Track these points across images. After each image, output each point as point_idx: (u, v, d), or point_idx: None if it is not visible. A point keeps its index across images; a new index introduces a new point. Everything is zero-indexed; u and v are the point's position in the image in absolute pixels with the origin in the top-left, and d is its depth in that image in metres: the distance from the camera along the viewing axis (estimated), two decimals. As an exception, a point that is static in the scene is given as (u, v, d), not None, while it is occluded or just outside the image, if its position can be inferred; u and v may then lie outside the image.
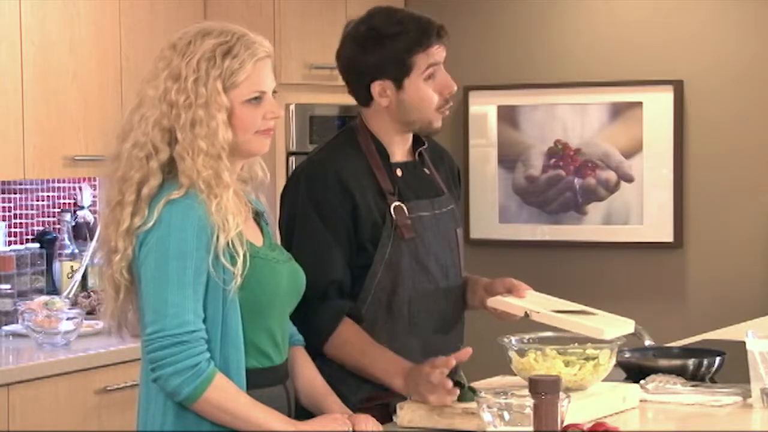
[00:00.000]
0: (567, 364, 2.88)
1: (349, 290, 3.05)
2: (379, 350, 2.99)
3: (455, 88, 3.12)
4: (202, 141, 2.61)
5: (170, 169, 2.64)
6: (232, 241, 2.61)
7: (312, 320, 2.98)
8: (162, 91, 2.64)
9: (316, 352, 2.98)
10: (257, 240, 2.74)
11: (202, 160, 2.61)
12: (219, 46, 2.65)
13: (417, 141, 3.21)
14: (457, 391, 2.79)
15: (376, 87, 3.09)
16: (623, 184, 5.64)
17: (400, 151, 3.17)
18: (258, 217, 2.81)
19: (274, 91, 2.73)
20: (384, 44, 3.06)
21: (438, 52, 3.09)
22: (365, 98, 3.12)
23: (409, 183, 3.14)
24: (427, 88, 3.08)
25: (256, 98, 2.68)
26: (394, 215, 3.07)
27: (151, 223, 2.59)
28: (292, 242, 3.03)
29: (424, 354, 3.07)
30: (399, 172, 3.14)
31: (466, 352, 2.85)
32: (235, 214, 2.63)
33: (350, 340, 3.00)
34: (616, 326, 2.96)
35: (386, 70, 3.07)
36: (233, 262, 2.60)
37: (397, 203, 3.08)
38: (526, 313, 3.00)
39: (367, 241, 3.05)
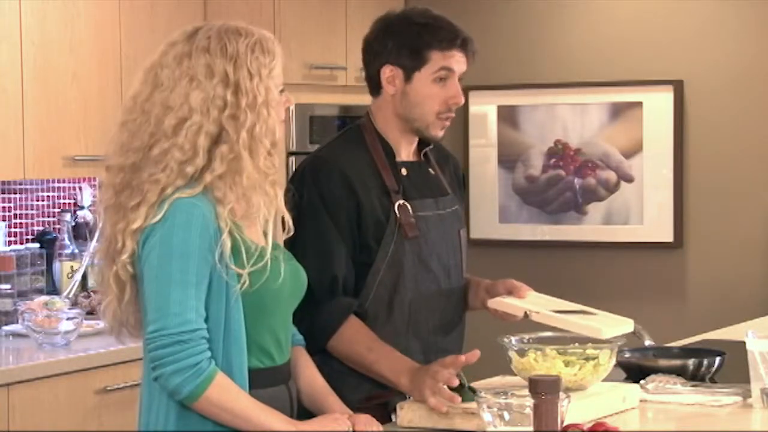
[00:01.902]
0: (567, 364, 2.88)
1: (353, 286, 3.05)
2: (385, 348, 2.99)
3: (462, 101, 3.12)
4: (265, 139, 2.64)
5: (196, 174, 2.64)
6: (241, 240, 2.61)
7: (318, 316, 2.98)
8: (211, 96, 2.62)
9: (317, 350, 2.98)
10: (260, 240, 2.74)
11: (263, 159, 2.64)
12: (256, 45, 2.68)
13: (423, 141, 3.22)
14: (459, 399, 2.79)
15: (386, 71, 3.10)
16: (623, 184, 5.64)
17: (405, 150, 3.18)
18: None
19: None
20: (408, 30, 3.09)
21: (456, 60, 3.09)
22: (376, 85, 3.13)
23: (414, 182, 3.15)
24: (432, 90, 3.08)
25: (282, 91, 2.72)
26: (398, 214, 3.07)
27: (157, 218, 2.59)
28: (297, 235, 3.03)
29: (424, 354, 3.08)
30: (404, 171, 3.14)
31: (475, 354, 2.84)
32: (265, 216, 2.65)
33: (356, 336, 3.00)
34: (615, 326, 2.96)
35: (401, 56, 3.08)
36: (239, 263, 2.61)
37: (401, 202, 3.09)
38: (525, 313, 3.00)
39: (371, 238, 3.05)
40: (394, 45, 3.09)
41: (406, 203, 3.09)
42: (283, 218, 2.79)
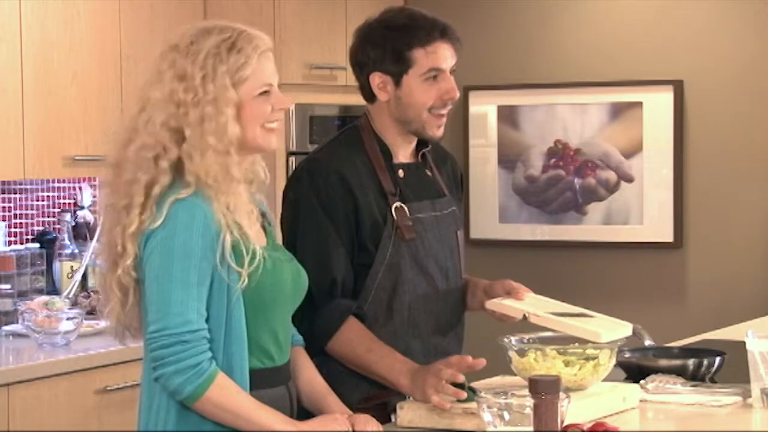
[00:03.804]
0: (567, 364, 2.89)
1: (352, 288, 3.05)
2: (385, 349, 2.99)
3: (457, 95, 3.10)
4: (211, 137, 2.62)
5: (179, 169, 2.64)
6: (240, 239, 2.61)
7: (317, 318, 2.98)
8: (168, 92, 2.64)
9: (317, 351, 2.98)
10: (261, 240, 2.74)
11: (210, 156, 2.62)
12: (223, 42, 2.65)
13: (421, 142, 3.21)
14: (464, 394, 2.79)
15: (375, 79, 3.09)
16: (623, 184, 5.64)
17: (403, 152, 3.17)
18: (261, 217, 2.81)
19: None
20: (386, 36, 3.07)
21: (442, 55, 3.06)
22: (369, 93, 3.13)
23: (411, 184, 3.14)
24: (424, 89, 3.07)
25: (265, 92, 2.69)
26: (395, 216, 3.07)
27: (158, 222, 2.59)
28: (295, 238, 3.03)
29: (424, 355, 3.08)
30: (401, 173, 3.13)
31: (480, 362, 2.84)
32: (247, 212, 2.64)
33: (355, 337, 3.00)
34: (613, 330, 2.95)
35: (386, 63, 3.07)
36: (239, 262, 2.61)
37: (398, 204, 3.08)
38: (524, 315, 3.00)
39: (368, 240, 3.05)
40: (376, 53, 3.08)
41: (402, 205, 3.09)
42: (265, 215, 2.81)
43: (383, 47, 3.07)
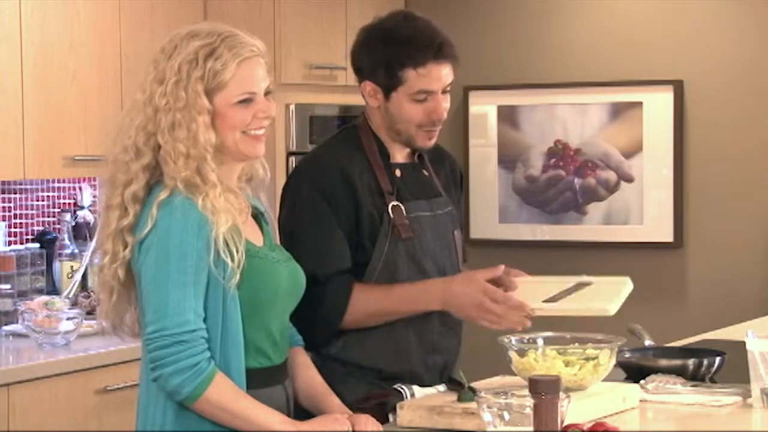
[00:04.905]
0: (567, 364, 2.88)
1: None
2: (400, 286, 3.02)
3: (444, 116, 3.08)
4: (182, 144, 2.61)
5: (160, 173, 2.64)
6: (230, 236, 2.61)
7: (325, 301, 2.98)
8: (148, 94, 2.64)
9: (332, 334, 3.00)
10: (257, 240, 2.74)
11: (182, 162, 2.60)
12: (202, 48, 2.63)
13: (417, 144, 3.21)
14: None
15: (366, 87, 3.09)
16: (623, 184, 5.64)
17: (400, 151, 3.17)
18: (258, 217, 2.81)
19: (269, 92, 2.71)
20: (380, 47, 3.06)
21: (434, 76, 3.03)
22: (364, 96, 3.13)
23: (408, 183, 3.14)
24: (411, 107, 3.05)
25: (246, 100, 2.66)
26: (392, 214, 3.07)
27: (148, 229, 2.59)
28: (294, 231, 3.03)
29: (424, 354, 3.09)
30: (398, 173, 3.13)
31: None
32: (225, 211, 2.62)
33: (366, 293, 3.02)
34: (616, 294, 2.98)
35: (377, 74, 3.07)
36: (230, 258, 2.60)
37: (395, 203, 3.08)
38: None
39: (366, 238, 3.05)
40: (369, 62, 3.07)
41: (399, 204, 3.09)
42: (263, 215, 2.80)
43: (377, 60, 3.05)
